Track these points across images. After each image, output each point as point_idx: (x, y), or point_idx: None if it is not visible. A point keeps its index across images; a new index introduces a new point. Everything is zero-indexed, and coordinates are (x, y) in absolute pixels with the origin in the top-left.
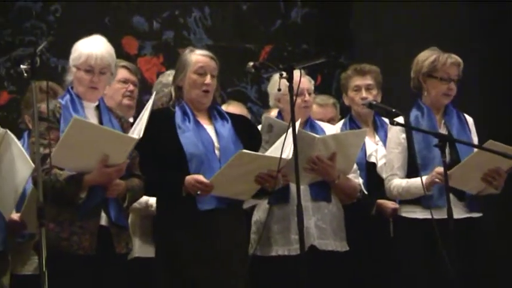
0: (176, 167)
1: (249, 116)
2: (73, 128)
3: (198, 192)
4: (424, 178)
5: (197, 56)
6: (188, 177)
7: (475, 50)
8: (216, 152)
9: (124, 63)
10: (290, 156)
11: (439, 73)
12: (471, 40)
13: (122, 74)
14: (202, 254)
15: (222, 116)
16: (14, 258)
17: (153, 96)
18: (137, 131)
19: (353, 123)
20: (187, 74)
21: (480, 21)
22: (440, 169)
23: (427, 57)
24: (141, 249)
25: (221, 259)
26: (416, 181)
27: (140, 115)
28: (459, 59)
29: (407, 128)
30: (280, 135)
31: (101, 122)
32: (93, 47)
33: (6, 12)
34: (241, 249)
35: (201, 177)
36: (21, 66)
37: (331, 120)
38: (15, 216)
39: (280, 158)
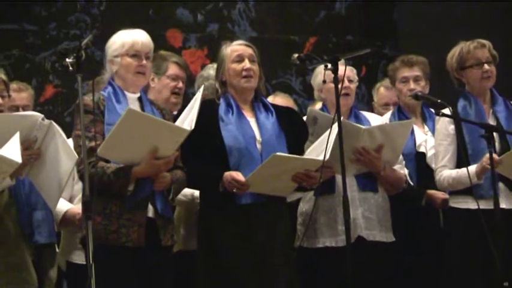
0: (217, 160)
1: (295, 107)
2: (126, 118)
3: (234, 190)
4: (474, 167)
5: (233, 46)
6: (226, 174)
7: None
8: (258, 145)
9: (175, 58)
10: (327, 157)
11: (469, 61)
12: None
13: (173, 70)
14: (242, 247)
15: (267, 108)
16: (71, 245)
17: (201, 89)
18: (188, 123)
19: (401, 114)
20: (226, 65)
21: None
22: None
23: (453, 53)
24: (186, 242)
25: (261, 252)
26: (466, 171)
27: (189, 106)
28: (483, 41)
29: (454, 118)
30: (325, 127)
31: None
32: (135, 34)
33: (51, 5)
34: (283, 241)
35: (237, 175)
36: (67, 60)
37: (397, 104)
38: (78, 208)
39: (324, 160)
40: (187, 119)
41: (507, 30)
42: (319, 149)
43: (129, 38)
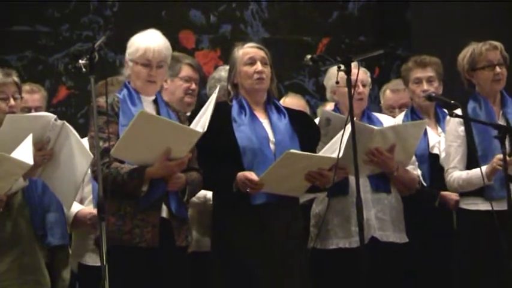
0: (230, 161)
1: (307, 108)
2: (139, 120)
3: (248, 190)
4: (484, 168)
5: (245, 49)
6: (239, 174)
7: None
8: (271, 146)
9: (189, 60)
10: (341, 155)
11: (480, 63)
12: None
13: (186, 71)
14: (255, 247)
15: (279, 110)
16: (81, 248)
17: (216, 91)
18: (201, 125)
19: (414, 115)
20: (238, 68)
21: None
22: (501, 156)
23: (464, 54)
24: (198, 243)
25: (275, 253)
26: (477, 171)
27: (203, 109)
28: (495, 43)
29: (467, 119)
30: (339, 128)
31: (158, 115)
32: (150, 40)
33: (64, 7)
34: (297, 242)
35: (251, 175)
36: (80, 61)
37: (403, 107)
38: (88, 209)
39: (338, 157)
40: (201, 121)
41: None
42: (332, 149)
43: (143, 45)
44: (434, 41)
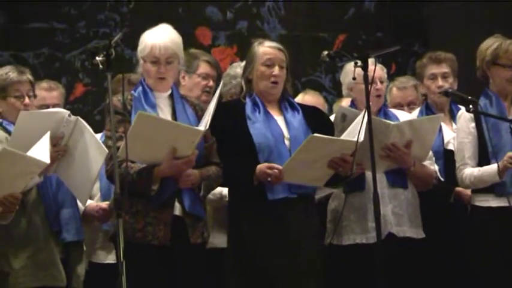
0: (246, 158)
1: (325, 105)
2: (138, 122)
3: (269, 179)
4: (495, 165)
5: (265, 48)
6: (260, 165)
7: None
8: (286, 142)
9: (206, 57)
10: (362, 139)
11: (502, 60)
12: None
13: (204, 68)
14: (271, 244)
15: (293, 106)
16: (90, 245)
17: (219, 88)
18: (203, 123)
19: (429, 111)
20: (255, 66)
21: None
22: None
23: (489, 45)
24: (215, 239)
25: (291, 249)
26: (488, 168)
27: (208, 107)
28: None
29: (485, 115)
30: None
31: (174, 110)
32: (157, 37)
33: (80, 4)
34: (313, 238)
35: (273, 164)
36: (96, 58)
37: (412, 104)
38: (105, 204)
39: (358, 141)
40: (203, 119)
41: None
42: (351, 136)
43: (150, 42)
44: (450, 37)
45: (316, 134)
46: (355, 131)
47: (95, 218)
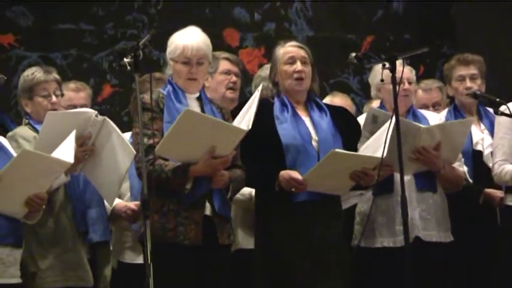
0: (273, 159)
1: (353, 107)
2: (184, 119)
3: (293, 190)
4: None
5: (286, 48)
6: (283, 173)
7: None
8: (314, 143)
9: (225, 54)
10: (384, 154)
11: None
12: None
13: (224, 65)
14: (298, 244)
15: (321, 107)
16: (119, 245)
17: (260, 87)
18: (245, 122)
19: (457, 113)
20: (279, 67)
21: None
22: None
23: None
24: (244, 241)
25: (317, 250)
26: None
27: (246, 106)
28: None
29: (510, 117)
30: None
31: (203, 112)
32: (188, 38)
33: (108, 5)
34: (338, 240)
35: (295, 174)
36: (124, 59)
37: (437, 105)
38: (133, 204)
39: (382, 157)
40: (245, 119)
41: None
42: (375, 145)
43: (181, 43)
44: (479, 39)
45: (337, 150)
46: (382, 138)
47: (123, 218)
